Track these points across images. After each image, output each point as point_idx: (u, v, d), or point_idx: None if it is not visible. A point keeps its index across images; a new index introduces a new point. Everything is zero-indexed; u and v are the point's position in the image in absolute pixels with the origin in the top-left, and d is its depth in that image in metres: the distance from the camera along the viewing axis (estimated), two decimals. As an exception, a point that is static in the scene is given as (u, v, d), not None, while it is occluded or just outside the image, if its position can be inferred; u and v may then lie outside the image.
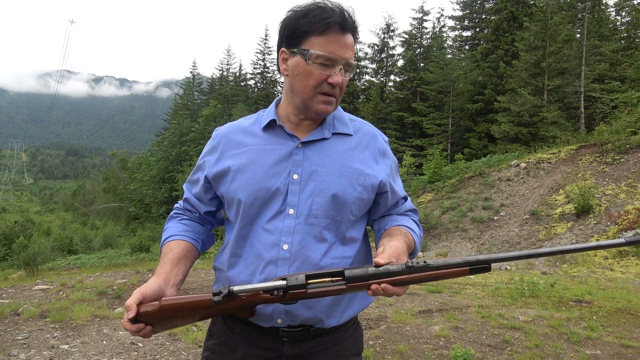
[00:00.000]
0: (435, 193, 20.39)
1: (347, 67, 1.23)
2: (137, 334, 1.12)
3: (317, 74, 1.20)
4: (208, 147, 1.40)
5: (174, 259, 1.27)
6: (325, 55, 1.18)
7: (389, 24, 40.02)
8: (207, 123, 42.78)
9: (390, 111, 35.55)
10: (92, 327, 4.82)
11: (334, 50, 1.19)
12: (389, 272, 1.08)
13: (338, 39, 1.19)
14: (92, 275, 8.79)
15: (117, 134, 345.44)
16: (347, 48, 1.21)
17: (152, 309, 1.12)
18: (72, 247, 27.71)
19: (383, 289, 1.07)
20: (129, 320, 1.10)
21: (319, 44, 1.18)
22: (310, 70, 1.20)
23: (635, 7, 32.18)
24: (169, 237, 1.35)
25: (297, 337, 1.26)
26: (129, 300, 1.11)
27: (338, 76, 1.20)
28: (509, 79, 28.01)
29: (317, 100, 1.23)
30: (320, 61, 1.19)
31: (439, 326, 5.09)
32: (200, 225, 1.43)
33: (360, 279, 1.08)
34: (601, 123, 21.99)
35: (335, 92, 1.24)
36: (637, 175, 15.37)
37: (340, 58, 1.20)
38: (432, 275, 1.09)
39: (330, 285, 1.10)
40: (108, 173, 58.15)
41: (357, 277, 1.08)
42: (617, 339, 4.90)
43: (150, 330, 1.13)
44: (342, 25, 1.19)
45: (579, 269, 11.40)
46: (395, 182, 1.39)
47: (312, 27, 1.18)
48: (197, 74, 58.51)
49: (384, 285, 1.07)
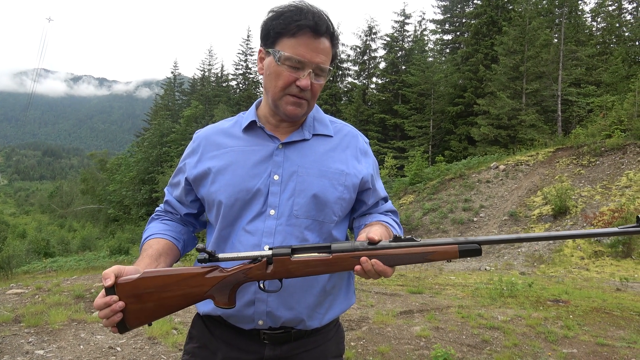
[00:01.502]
0: (417, 194, 20.57)
1: (319, 71, 1.21)
2: (104, 313, 1.06)
3: (286, 75, 1.20)
4: (188, 149, 1.39)
5: (153, 255, 1.25)
6: (293, 58, 1.18)
7: (371, 26, 40.30)
8: (188, 124, 42.39)
9: (372, 113, 35.77)
10: (68, 331, 4.72)
11: (303, 53, 1.18)
12: (376, 246, 1.08)
13: (309, 42, 1.18)
14: (69, 279, 8.61)
15: (96, 135, 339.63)
16: (318, 52, 1.19)
17: (129, 280, 1.08)
18: (48, 250, 27.07)
19: (373, 264, 1.06)
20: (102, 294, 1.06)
21: (290, 46, 1.18)
22: (279, 71, 1.20)
23: (610, 14, 33.06)
24: (149, 236, 1.33)
25: (279, 339, 1.26)
26: (107, 270, 1.08)
27: (306, 80, 1.19)
28: (489, 83, 28.49)
29: (285, 101, 1.23)
30: (289, 63, 1.18)
31: (419, 327, 5.13)
32: (182, 225, 1.42)
33: (346, 250, 1.09)
34: (577, 126, 22.51)
35: (305, 95, 1.22)
36: (612, 177, 15.77)
37: (310, 62, 1.19)
38: (420, 252, 1.08)
39: (315, 255, 1.10)
40: (86, 174, 57.03)
41: (343, 249, 1.09)
42: (593, 337, 5.01)
43: (122, 307, 1.06)
44: (313, 29, 1.17)
45: (556, 269, 11.63)
46: (377, 181, 1.40)
47: (284, 28, 1.18)
48: (178, 74, 57.91)
49: (374, 261, 1.06)
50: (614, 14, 33.31)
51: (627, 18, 33.75)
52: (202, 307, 1.32)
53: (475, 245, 1.07)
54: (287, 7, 1.20)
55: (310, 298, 1.25)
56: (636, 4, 34.22)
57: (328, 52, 1.22)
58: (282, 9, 1.20)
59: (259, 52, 1.28)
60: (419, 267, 13.03)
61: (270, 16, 1.22)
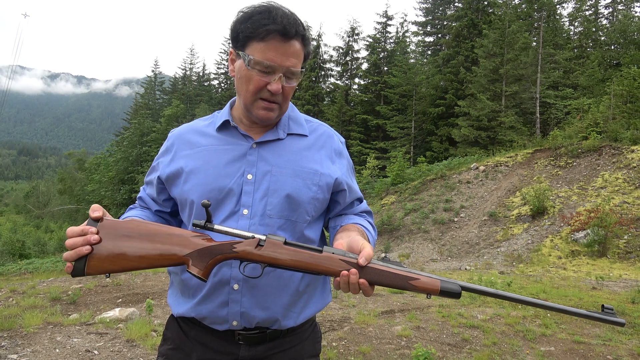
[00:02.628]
0: (399, 195, 20.71)
1: (290, 74, 1.20)
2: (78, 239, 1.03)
3: (257, 80, 1.18)
4: (163, 148, 1.38)
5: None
6: (263, 63, 1.16)
7: (353, 27, 40.45)
8: (169, 123, 41.91)
9: (355, 114, 35.91)
10: (44, 335, 4.60)
11: (273, 58, 1.16)
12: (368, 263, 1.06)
13: (278, 46, 1.16)
14: (45, 281, 8.42)
15: (74, 133, 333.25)
16: (288, 55, 1.17)
17: (118, 220, 1.07)
18: (24, 251, 26.42)
19: (360, 283, 1.05)
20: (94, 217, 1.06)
21: (259, 50, 1.16)
22: (250, 75, 1.18)
23: (587, 18, 33.84)
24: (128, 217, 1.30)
25: (254, 340, 1.25)
26: (97, 205, 1.09)
27: (277, 84, 1.18)
28: (469, 85, 28.88)
29: (257, 105, 1.22)
30: (259, 68, 1.17)
31: (401, 326, 5.16)
32: (158, 218, 1.40)
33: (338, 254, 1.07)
34: (555, 128, 22.98)
35: (277, 99, 1.22)
36: (588, 178, 16.12)
37: (280, 66, 1.17)
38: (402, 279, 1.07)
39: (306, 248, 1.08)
40: (64, 174, 55.95)
41: (334, 251, 1.08)
42: (570, 335, 5.10)
43: (96, 241, 1.04)
44: (282, 32, 1.15)
45: (534, 268, 11.83)
46: (352, 182, 1.39)
47: (253, 32, 1.16)
48: (159, 73, 57.23)
49: (362, 281, 1.05)
50: (591, 19, 34.12)
51: (603, 22, 34.64)
52: (176, 309, 1.30)
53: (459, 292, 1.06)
54: (256, 9, 1.17)
55: (285, 297, 1.24)
56: (612, 10, 35.13)
57: (299, 54, 1.20)
58: (251, 10, 1.18)
59: (230, 53, 1.26)
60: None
61: (239, 18, 1.19)
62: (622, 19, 30.20)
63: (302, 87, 38.41)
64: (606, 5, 35.56)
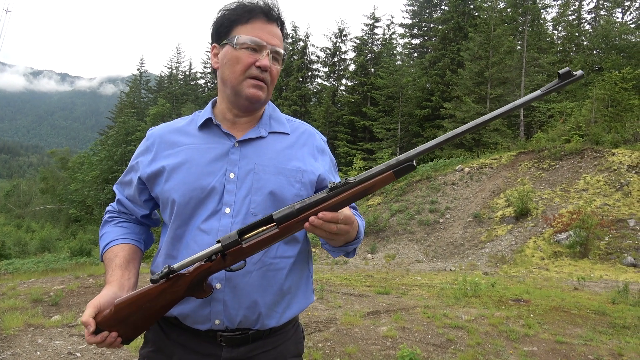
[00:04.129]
0: (384, 196, 20.80)
1: (276, 54, 1.25)
2: (104, 345, 1.11)
3: (245, 57, 1.21)
4: (141, 147, 1.36)
5: (122, 264, 1.24)
6: (251, 39, 1.21)
7: (341, 28, 40.55)
8: (154, 122, 41.39)
9: (342, 115, 35.98)
10: (24, 337, 4.52)
11: (260, 35, 1.22)
12: (315, 201, 1.07)
13: (264, 26, 1.23)
14: (26, 282, 8.26)
15: (57, 132, 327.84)
16: (273, 35, 1.24)
17: (108, 314, 1.11)
18: (3, 252, 25.90)
19: (321, 217, 1.05)
20: (92, 334, 1.10)
21: (246, 31, 1.22)
22: (238, 55, 1.22)
23: (570, 23, 34.40)
24: (110, 243, 1.30)
25: (235, 341, 1.24)
26: (84, 316, 1.10)
27: (266, 59, 1.21)
28: (455, 87, 29.15)
29: (246, 84, 1.23)
30: (247, 45, 1.21)
31: (386, 327, 5.18)
32: (138, 225, 1.40)
33: (289, 217, 1.07)
34: (539, 131, 23.30)
35: (265, 77, 1.24)
36: (571, 180, 16.38)
37: (267, 43, 1.22)
38: (359, 189, 1.07)
39: (263, 233, 1.09)
40: (46, 172, 54.92)
41: (285, 215, 1.07)
42: (552, 335, 5.18)
43: (117, 337, 1.12)
44: (266, 14, 1.23)
45: (517, 269, 11.99)
46: (335, 178, 1.40)
47: (238, 16, 1.23)
48: (145, 71, 56.66)
49: (321, 214, 1.05)
50: (574, 24, 34.70)
51: (586, 27, 35.25)
52: None
53: (410, 163, 1.07)
54: (237, 2, 1.25)
55: (268, 297, 1.24)
56: (594, 15, 35.78)
57: (280, 37, 1.27)
58: (233, 4, 1.26)
59: (212, 49, 1.30)
60: (386, 268, 13.18)
61: (221, 13, 1.27)
62: (604, 24, 30.79)
63: (289, 88, 38.37)
64: (589, 10, 36.23)
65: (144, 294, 1.12)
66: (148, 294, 1.12)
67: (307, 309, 5.81)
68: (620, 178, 15.14)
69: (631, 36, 29.18)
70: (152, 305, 1.12)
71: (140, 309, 1.12)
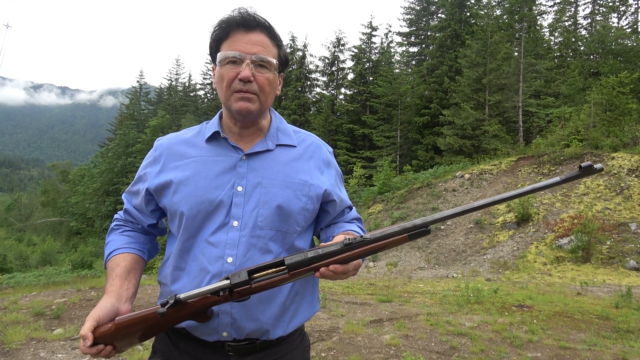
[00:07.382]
0: (385, 203, 20.79)
1: (261, 62, 1.23)
2: (98, 356, 1.12)
3: (227, 73, 1.23)
4: (149, 158, 1.37)
5: (122, 274, 1.24)
6: (227, 53, 1.22)
7: (339, 38, 40.81)
8: (154, 134, 41.54)
9: (341, 123, 36.09)
10: (27, 350, 4.51)
11: (236, 47, 1.22)
12: (328, 253, 1.09)
13: (242, 37, 1.23)
14: (28, 295, 8.24)
15: (58, 145, 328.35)
16: (253, 44, 1.23)
17: (107, 330, 1.12)
18: (5, 265, 25.84)
19: (332, 270, 1.08)
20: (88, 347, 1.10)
21: (226, 47, 1.23)
22: (222, 73, 1.24)
23: (566, 29, 34.61)
24: (114, 251, 1.31)
25: (243, 351, 1.25)
26: (83, 329, 1.10)
27: (246, 70, 1.21)
28: (453, 94, 29.25)
29: (233, 99, 1.24)
30: (228, 60, 1.22)
31: (389, 335, 5.17)
32: (144, 235, 1.40)
33: (301, 265, 1.09)
34: (538, 136, 23.34)
35: (251, 88, 1.23)
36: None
37: (245, 53, 1.21)
38: (372, 248, 1.11)
39: (273, 276, 1.11)
40: (47, 186, 54.97)
41: (297, 263, 1.09)
42: (556, 341, 5.16)
43: (112, 350, 1.13)
44: (242, 24, 1.23)
45: (520, 275, 11.95)
46: (341, 191, 1.41)
47: (220, 33, 1.25)
48: (145, 83, 56.89)
49: (333, 267, 1.08)
50: (570, 29, 34.89)
51: (583, 33, 35.43)
52: None
53: (425, 229, 1.12)
54: (220, 19, 1.27)
55: (275, 308, 1.25)
56: (590, 20, 36.00)
57: (266, 44, 1.25)
58: (217, 21, 1.27)
59: (212, 69, 1.32)
60: (388, 276, 13.14)
61: (210, 33, 1.28)
62: (600, 29, 30.96)
63: (289, 97, 38.53)
64: (585, 16, 36.47)
65: (145, 316, 1.13)
66: (150, 317, 1.13)
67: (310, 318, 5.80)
68: (621, 182, 15.15)
69: (627, 40, 29.29)
70: (152, 325, 1.14)
71: (140, 329, 1.14)
